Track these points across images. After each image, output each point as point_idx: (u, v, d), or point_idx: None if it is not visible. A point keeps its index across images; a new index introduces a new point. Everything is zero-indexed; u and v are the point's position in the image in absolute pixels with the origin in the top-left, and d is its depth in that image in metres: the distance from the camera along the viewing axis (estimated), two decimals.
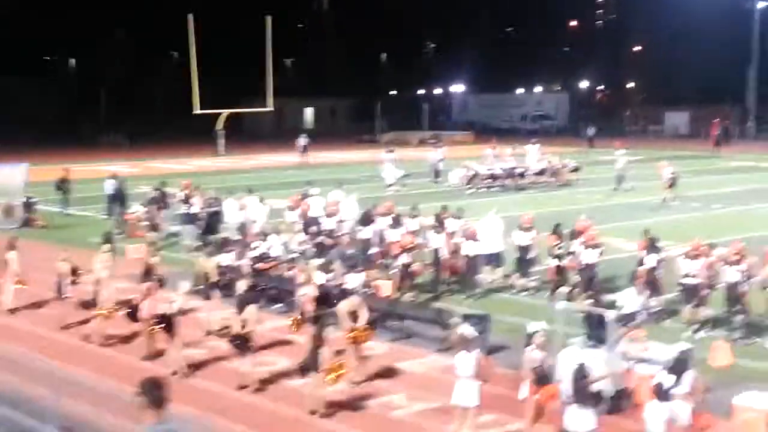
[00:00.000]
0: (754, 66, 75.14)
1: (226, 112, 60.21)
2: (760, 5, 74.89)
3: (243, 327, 13.69)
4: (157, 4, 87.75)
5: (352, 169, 46.85)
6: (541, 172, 39.33)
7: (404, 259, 18.57)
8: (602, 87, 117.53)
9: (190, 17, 55.14)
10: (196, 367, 14.92)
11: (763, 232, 24.78)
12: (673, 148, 60.95)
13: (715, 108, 77.10)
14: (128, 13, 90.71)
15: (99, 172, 37.61)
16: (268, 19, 57.97)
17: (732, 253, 16.14)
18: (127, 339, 16.53)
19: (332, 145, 64.11)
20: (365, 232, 21.45)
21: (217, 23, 75.68)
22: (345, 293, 15.13)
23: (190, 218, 25.62)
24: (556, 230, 19.07)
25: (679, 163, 37.72)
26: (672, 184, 33.47)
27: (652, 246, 17.61)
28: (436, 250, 20.01)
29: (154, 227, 25.12)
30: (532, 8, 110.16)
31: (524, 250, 19.78)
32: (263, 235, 20.48)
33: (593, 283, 17.99)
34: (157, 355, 15.34)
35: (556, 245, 18.68)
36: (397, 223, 21.03)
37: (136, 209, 27.24)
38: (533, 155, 42.87)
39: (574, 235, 19.23)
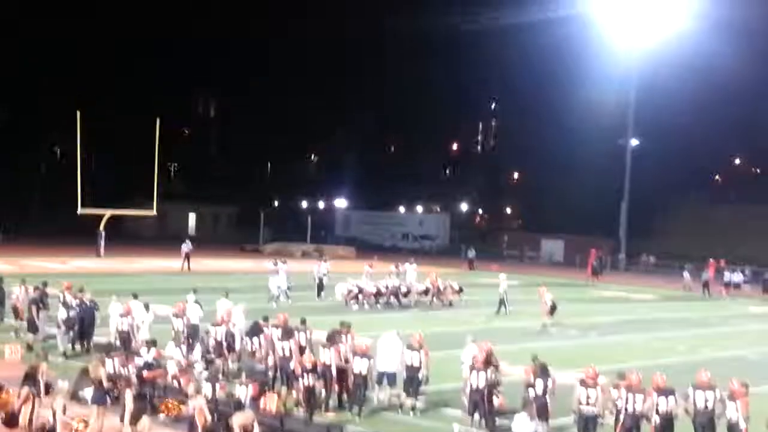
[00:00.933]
0: (625, 199, 78.20)
1: (109, 212, 59.25)
2: (633, 143, 78.44)
3: None
4: (42, 94, 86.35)
5: (236, 278, 46.50)
6: (425, 291, 39.71)
7: (308, 380, 18.16)
8: (481, 211, 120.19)
9: (78, 114, 54.53)
10: None
11: (637, 362, 25.36)
12: (549, 274, 62.50)
13: (588, 238, 79.70)
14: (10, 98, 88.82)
15: None
16: (157, 121, 57.81)
17: (629, 382, 16.43)
18: None
19: (215, 252, 63.61)
20: (254, 344, 21.18)
21: (102, 121, 74.87)
22: (237, 406, 14.82)
23: (69, 321, 24.83)
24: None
25: (555, 290, 38.53)
26: (552, 310, 34.19)
27: (542, 371, 17.82)
28: (326, 365, 19.84)
29: (33, 328, 24.32)
30: (414, 127, 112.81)
31: (413, 369, 19.80)
32: (150, 342, 20.02)
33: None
34: None
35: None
36: (287, 335, 20.84)
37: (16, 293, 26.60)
38: (412, 274, 43.45)
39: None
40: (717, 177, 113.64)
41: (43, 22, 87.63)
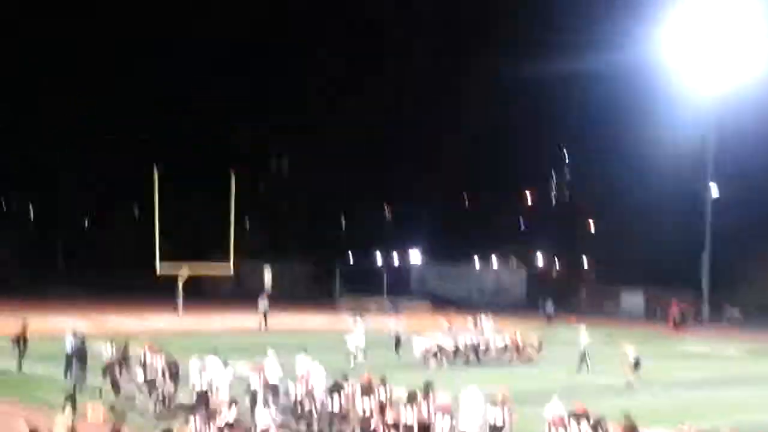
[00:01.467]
0: (707, 249, 76.62)
1: (187, 274, 59.47)
2: (714, 190, 77.06)
3: None
4: (122, 153, 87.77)
5: (313, 336, 46.35)
6: (504, 348, 39.11)
7: None
8: (557, 263, 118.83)
9: (155, 168, 54.98)
10: None
11: (732, 420, 24.52)
12: (629, 328, 61.24)
13: (669, 290, 78.17)
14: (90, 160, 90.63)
15: (54, 328, 36.80)
16: (232, 175, 58.10)
17: None
18: None
19: (291, 308, 63.67)
20: (335, 402, 20.92)
21: (176, 178, 75.91)
22: None
23: (151, 382, 24.85)
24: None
25: (636, 344, 37.57)
26: (636, 365, 33.38)
27: (631, 430, 17.29)
28: (407, 426, 19.46)
29: (116, 389, 24.45)
30: (488, 181, 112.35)
31: (497, 429, 19.36)
32: (231, 401, 19.91)
33: None
34: None
35: None
36: (368, 392, 20.52)
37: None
38: (488, 328, 42.67)
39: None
40: None
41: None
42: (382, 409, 20.05)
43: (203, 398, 22.67)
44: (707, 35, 68.55)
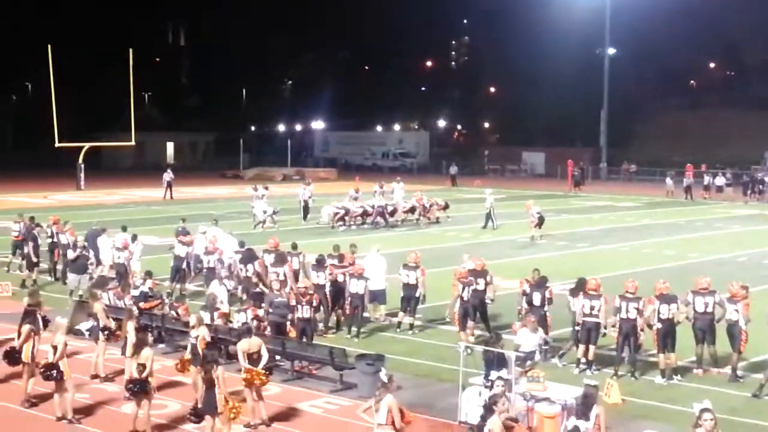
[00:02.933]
0: (605, 109, 77.90)
1: (87, 145, 58.62)
2: (610, 51, 77.86)
3: (141, 371, 13.16)
4: (12, 33, 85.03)
5: (219, 205, 46.28)
6: (411, 210, 39.63)
7: (305, 312, 17.76)
8: (459, 126, 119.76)
9: (49, 47, 53.62)
10: (83, 412, 14.27)
11: (629, 270, 25.48)
12: (531, 187, 62.52)
13: (569, 149, 79.80)
14: None
15: None
16: (130, 52, 56.91)
17: (627, 290, 16.43)
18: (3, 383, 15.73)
19: (196, 180, 63.24)
20: (249, 270, 21.07)
21: (74, 55, 73.55)
22: (246, 332, 14.68)
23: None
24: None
25: (539, 202, 38.45)
26: (540, 222, 34.24)
27: (540, 284, 17.81)
28: (320, 288, 19.74)
29: (30, 265, 24.24)
30: (388, 47, 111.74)
31: (411, 288, 19.77)
32: (146, 273, 19.91)
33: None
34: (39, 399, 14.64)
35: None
36: (281, 260, 20.74)
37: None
38: (399, 193, 43.29)
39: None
40: (692, 82, 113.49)
41: None
42: (295, 275, 20.24)
43: (119, 272, 22.55)
44: None
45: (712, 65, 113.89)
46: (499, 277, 21.50)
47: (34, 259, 24.49)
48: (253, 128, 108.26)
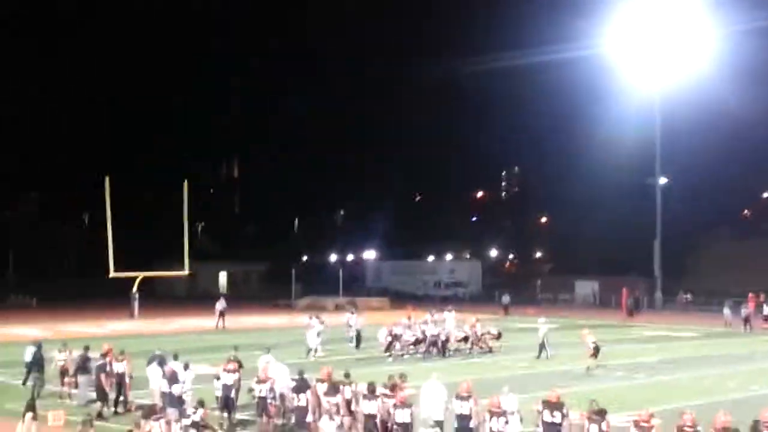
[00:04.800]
0: (658, 239, 77.51)
1: (141, 275, 59.32)
2: (662, 181, 77.93)
3: None
4: (72, 165, 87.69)
5: (271, 335, 46.21)
6: (464, 339, 39.21)
7: None
8: (511, 256, 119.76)
9: (107, 180, 54.94)
10: None
11: (690, 402, 24.81)
12: (585, 316, 61.78)
13: (622, 278, 79.08)
14: (40, 175, 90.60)
15: (8, 335, 36.28)
16: (185, 184, 58.08)
17: (685, 423, 15.98)
18: None
19: (247, 309, 63.49)
20: (301, 399, 20.82)
21: (129, 186, 75.43)
22: None
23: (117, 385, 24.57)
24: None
25: (593, 331, 37.85)
26: (596, 352, 33.66)
27: (597, 414, 17.36)
28: (371, 418, 19.40)
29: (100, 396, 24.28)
30: (439, 178, 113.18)
31: (463, 419, 19.38)
32: (198, 403, 19.75)
33: None
34: None
35: None
36: (334, 390, 20.50)
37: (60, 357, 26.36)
38: (451, 322, 42.88)
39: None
40: (746, 212, 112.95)
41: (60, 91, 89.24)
42: (348, 405, 20.01)
43: (167, 400, 22.42)
44: (650, 31, 69.35)
45: (765, 194, 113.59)
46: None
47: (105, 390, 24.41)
48: (305, 258, 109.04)
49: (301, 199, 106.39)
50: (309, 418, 20.27)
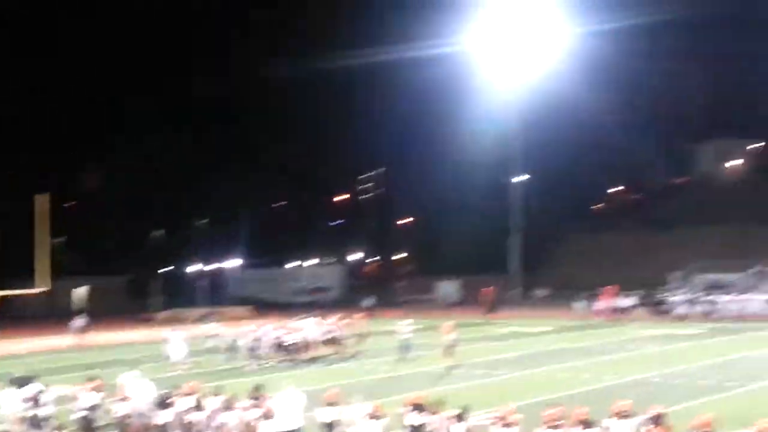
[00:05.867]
0: (515, 236, 79.40)
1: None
2: (516, 179, 79.85)
3: None
4: None
5: (134, 350, 45.50)
6: (328, 341, 39.55)
7: None
8: (374, 258, 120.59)
9: None
10: None
11: (548, 396, 25.70)
12: (448, 316, 62.76)
13: (483, 277, 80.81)
14: None
15: None
16: (39, 198, 56.38)
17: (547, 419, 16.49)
18: None
19: (108, 324, 62.14)
20: (163, 416, 20.65)
21: None
22: None
23: None
24: None
25: (456, 330, 38.56)
26: (452, 350, 34.45)
27: (459, 417, 17.77)
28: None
29: None
30: (301, 182, 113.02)
31: (329, 426, 19.59)
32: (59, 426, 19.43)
33: None
34: None
35: None
36: (200, 405, 20.39)
37: None
38: (312, 328, 42.83)
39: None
40: (599, 206, 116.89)
41: None
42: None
43: (32, 424, 21.92)
44: (509, 30, 70.81)
45: (616, 189, 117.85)
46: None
47: None
48: (167, 269, 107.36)
49: (161, 209, 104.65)
50: None
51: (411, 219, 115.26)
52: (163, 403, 20.91)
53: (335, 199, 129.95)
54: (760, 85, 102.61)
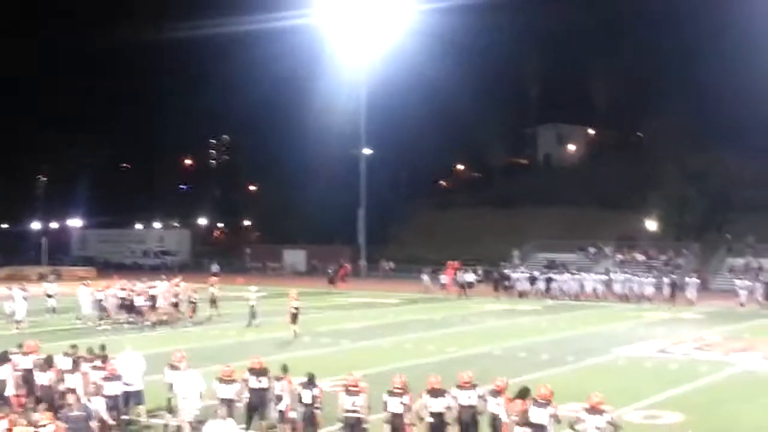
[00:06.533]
0: (362, 208, 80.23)
1: None
2: (366, 152, 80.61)
3: None
4: None
5: None
6: (175, 305, 39.30)
7: None
8: (221, 224, 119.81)
9: None
10: None
11: (394, 365, 26.31)
12: (293, 285, 63.03)
13: (329, 247, 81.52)
14: None
15: None
16: None
17: (394, 385, 16.90)
18: None
19: None
20: (2, 372, 20.05)
21: None
22: None
23: None
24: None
25: (302, 299, 38.90)
26: (293, 318, 34.84)
27: (307, 383, 18.06)
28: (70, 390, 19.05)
29: None
30: (147, 145, 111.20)
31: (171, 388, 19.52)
32: None
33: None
34: None
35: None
36: (48, 364, 19.98)
37: None
38: (162, 289, 42.39)
39: None
40: (443, 183, 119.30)
41: None
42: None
43: None
44: (357, 3, 71.08)
45: (460, 167, 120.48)
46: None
47: None
48: (4, 226, 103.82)
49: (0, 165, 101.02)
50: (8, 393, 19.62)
51: (256, 187, 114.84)
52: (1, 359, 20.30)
53: (183, 162, 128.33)
54: (598, 74, 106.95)
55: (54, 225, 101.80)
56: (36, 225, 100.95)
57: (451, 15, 78.97)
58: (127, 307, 38.29)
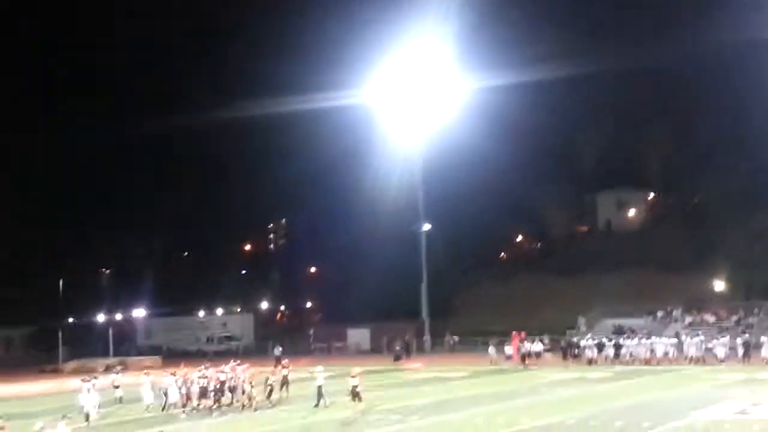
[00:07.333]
0: (424, 283, 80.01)
1: None
2: (425, 227, 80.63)
3: None
4: None
5: (37, 402, 44.34)
6: (242, 392, 39.08)
7: None
8: (282, 307, 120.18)
9: None
10: None
11: None
12: (358, 363, 62.65)
13: (393, 324, 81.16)
14: None
15: None
16: None
17: None
18: None
19: (10, 376, 60.52)
20: None
21: None
22: None
23: None
24: None
25: (368, 377, 38.60)
26: (355, 396, 34.52)
27: None
28: None
29: None
30: (206, 232, 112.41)
31: None
32: None
33: None
34: None
35: None
36: None
37: None
38: (235, 373, 42.25)
39: None
40: (503, 255, 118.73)
41: None
42: None
43: None
44: (409, 83, 71.91)
45: (520, 237, 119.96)
46: None
47: None
48: (71, 319, 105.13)
49: (63, 259, 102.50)
50: None
51: (316, 268, 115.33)
52: None
53: (242, 248, 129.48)
54: (654, 139, 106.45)
55: (119, 316, 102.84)
56: (101, 317, 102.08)
57: (505, 92, 79.44)
58: (204, 391, 38.24)
